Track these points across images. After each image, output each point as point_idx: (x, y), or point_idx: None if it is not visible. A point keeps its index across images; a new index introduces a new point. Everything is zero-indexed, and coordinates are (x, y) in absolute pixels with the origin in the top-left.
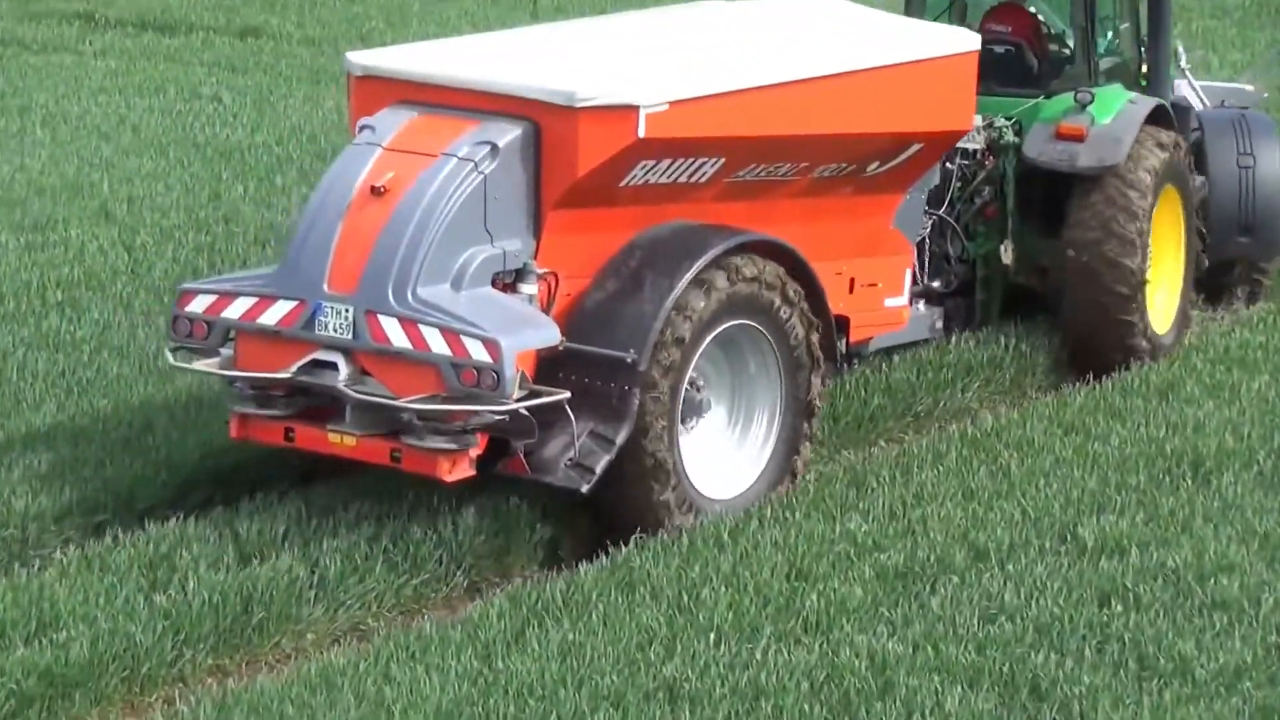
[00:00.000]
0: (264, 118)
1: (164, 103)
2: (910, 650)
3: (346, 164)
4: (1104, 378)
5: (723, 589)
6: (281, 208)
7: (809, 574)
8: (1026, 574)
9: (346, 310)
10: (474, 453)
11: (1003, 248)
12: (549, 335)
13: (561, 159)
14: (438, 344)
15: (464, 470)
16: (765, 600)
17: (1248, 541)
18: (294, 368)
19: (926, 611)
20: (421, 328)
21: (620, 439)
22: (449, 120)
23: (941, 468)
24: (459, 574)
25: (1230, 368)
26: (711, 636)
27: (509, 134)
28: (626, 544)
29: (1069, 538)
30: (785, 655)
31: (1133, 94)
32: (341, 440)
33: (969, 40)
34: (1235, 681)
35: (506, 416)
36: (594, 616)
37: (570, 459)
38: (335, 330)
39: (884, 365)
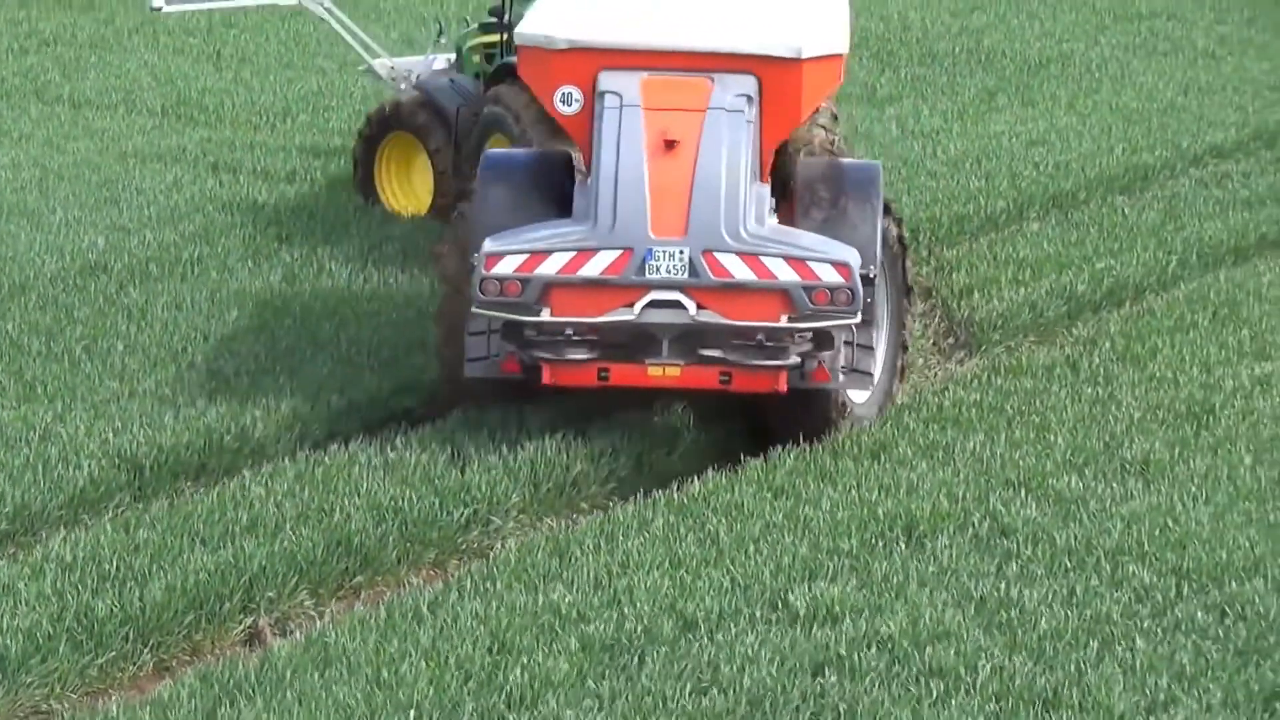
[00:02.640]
0: None
1: None
2: None
3: (617, 125)
4: (815, 440)
5: (422, 664)
6: None
7: (512, 647)
8: (738, 643)
9: (681, 252)
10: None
11: None
12: (857, 259)
13: (784, 106)
14: (784, 272)
15: (784, 384)
16: (467, 675)
17: (963, 606)
18: (637, 308)
19: (635, 684)
20: (763, 259)
21: (878, 344)
22: (684, 80)
23: (648, 535)
24: (146, 652)
25: (944, 426)
26: (412, 713)
27: (750, 87)
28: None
29: (780, 605)
30: None
31: None
32: (664, 372)
33: None
34: None
35: (825, 332)
36: (289, 695)
37: (845, 366)
38: (669, 272)
39: (585, 430)
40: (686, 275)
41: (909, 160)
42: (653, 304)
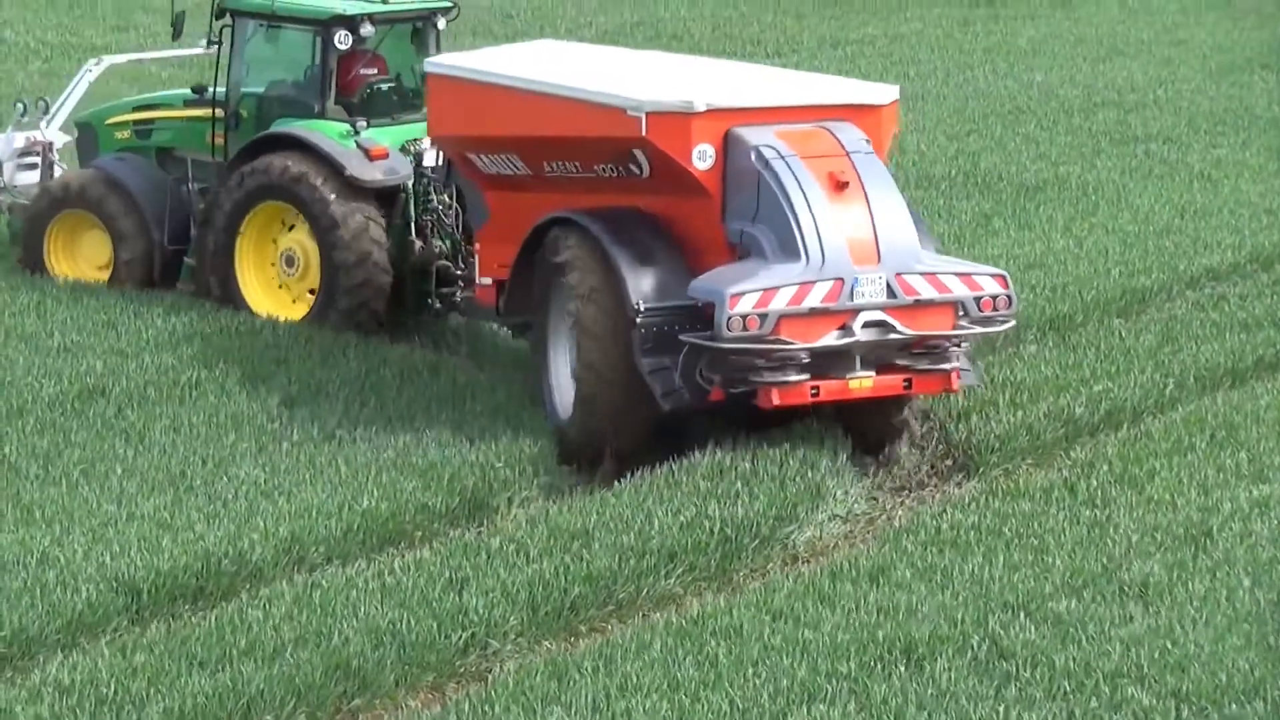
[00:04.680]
0: None
1: None
2: None
3: (786, 174)
4: (810, 560)
5: None
6: None
7: None
8: None
9: (879, 278)
10: None
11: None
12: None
13: (875, 146)
14: (957, 287)
15: (955, 383)
16: None
17: None
18: (858, 330)
19: None
20: (941, 277)
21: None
22: (807, 130)
23: (646, 658)
24: None
25: (942, 549)
26: None
27: (858, 132)
28: None
29: None
30: None
31: None
32: (860, 384)
33: None
34: None
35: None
36: None
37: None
38: (871, 296)
39: (585, 552)
40: (885, 297)
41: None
42: (865, 324)
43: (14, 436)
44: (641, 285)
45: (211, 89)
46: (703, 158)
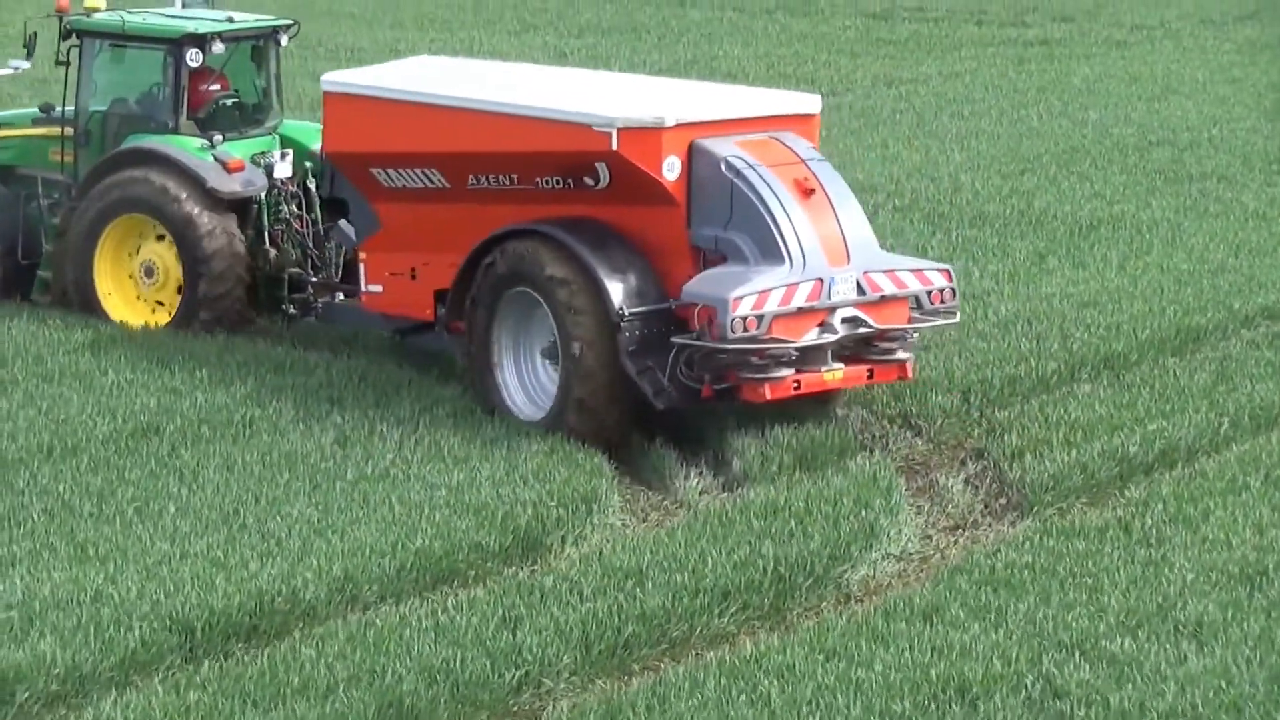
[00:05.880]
0: None
1: None
2: None
3: (759, 182)
4: (864, 599)
5: None
6: None
7: None
8: None
9: (850, 276)
10: None
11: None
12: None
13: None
14: (913, 282)
15: (910, 371)
16: None
17: None
18: (838, 325)
19: None
20: (899, 273)
21: None
22: (764, 140)
23: (700, 697)
24: None
25: (996, 588)
26: None
27: (804, 140)
28: None
29: None
30: None
31: None
32: (833, 376)
33: None
34: None
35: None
36: None
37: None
38: (844, 294)
39: (638, 591)
40: (856, 294)
41: (960, 321)
42: (843, 320)
43: (68, 474)
44: (620, 291)
45: (60, 107)
46: (671, 169)
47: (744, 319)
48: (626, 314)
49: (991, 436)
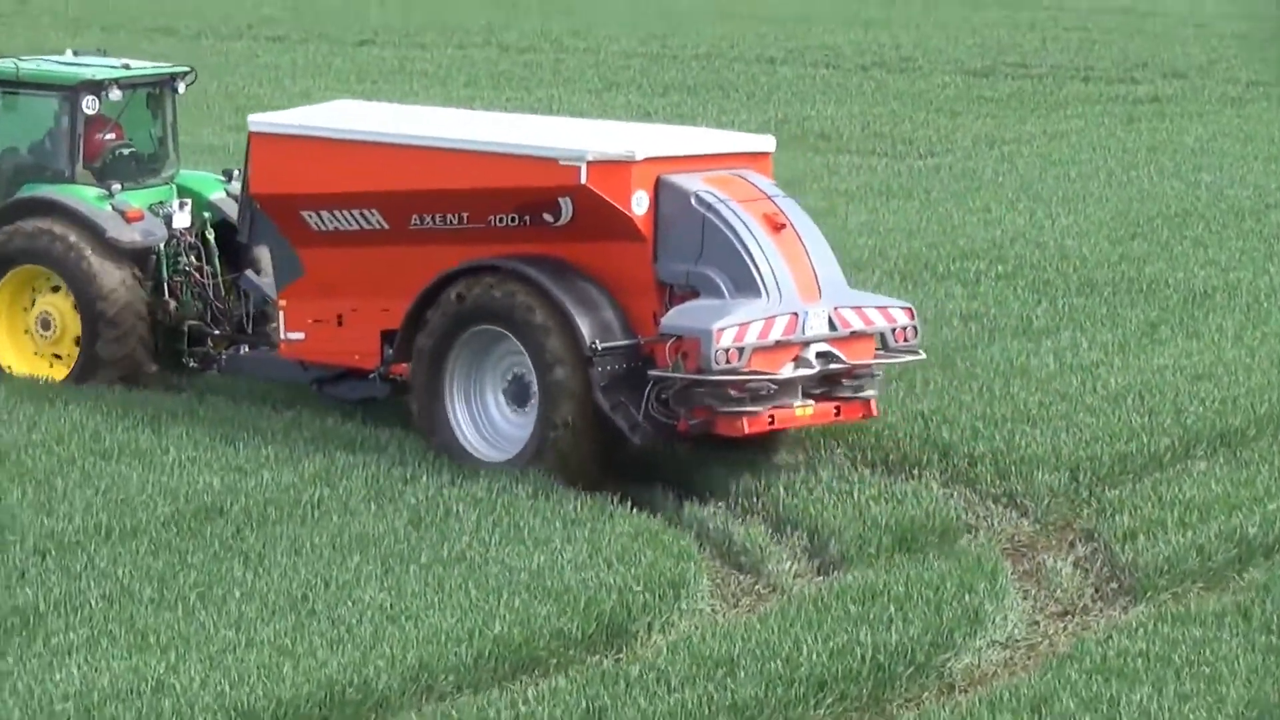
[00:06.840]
0: None
1: None
2: None
3: (732, 217)
4: (968, 689)
5: None
6: None
7: None
8: None
9: (822, 311)
10: None
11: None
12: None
13: None
14: (878, 319)
15: (875, 408)
16: None
17: None
18: (814, 360)
19: None
20: (866, 310)
21: None
22: (726, 176)
23: None
24: None
25: (1108, 678)
26: None
27: (764, 176)
28: None
29: None
30: None
31: None
32: (804, 411)
33: None
34: None
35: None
36: None
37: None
38: (817, 329)
39: (729, 681)
40: (828, 329)
41: (1068, 395)
42: (817, 355)
43: (127, 558)
44: (591, 326)
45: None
46: (640, 203)
47: (726, 350)
48: (599, 348)
49: (1102, 517)
